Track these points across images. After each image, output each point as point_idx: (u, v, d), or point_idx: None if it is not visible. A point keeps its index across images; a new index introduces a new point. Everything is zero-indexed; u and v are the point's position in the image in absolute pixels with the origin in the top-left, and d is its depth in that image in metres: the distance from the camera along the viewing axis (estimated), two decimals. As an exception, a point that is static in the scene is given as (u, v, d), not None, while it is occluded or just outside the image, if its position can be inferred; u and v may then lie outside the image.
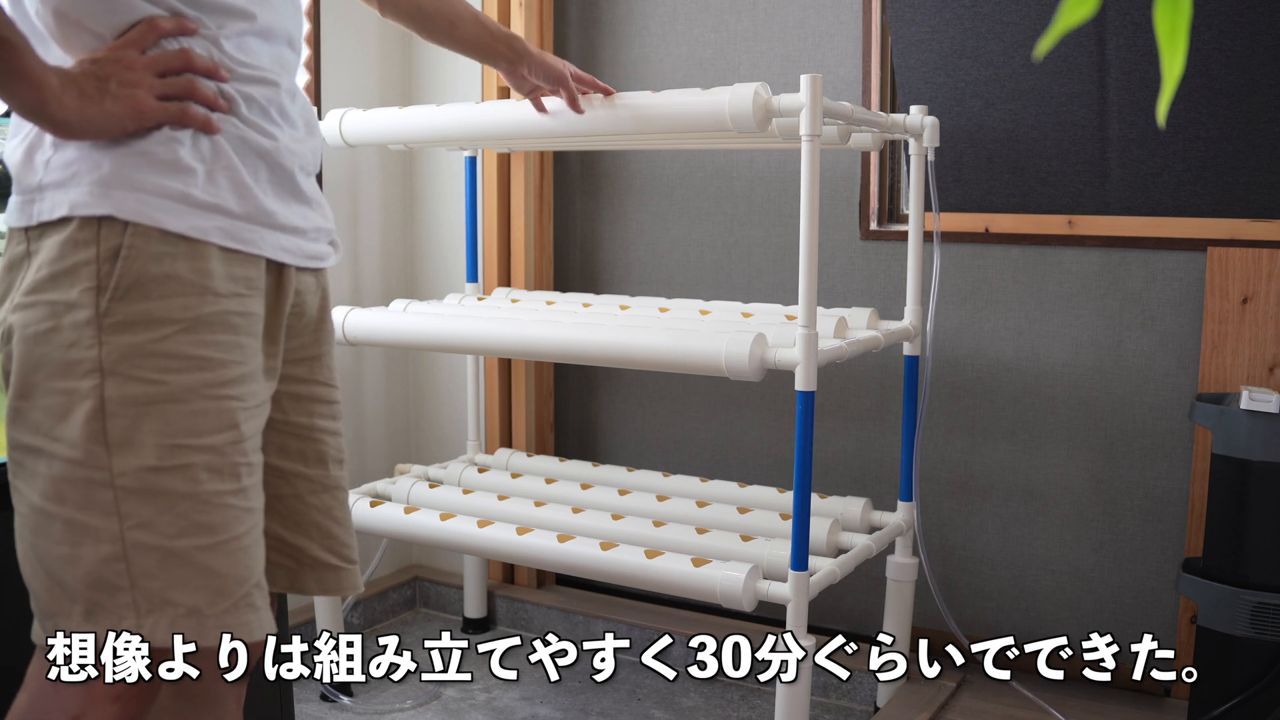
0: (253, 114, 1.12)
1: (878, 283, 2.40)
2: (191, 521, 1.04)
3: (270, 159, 1.13)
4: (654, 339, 1.85)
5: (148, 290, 1.03)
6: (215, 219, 1.07)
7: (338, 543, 1.28)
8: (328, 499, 1.27)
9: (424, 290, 2.82)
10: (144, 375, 1.03)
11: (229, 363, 1.08)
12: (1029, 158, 2.20)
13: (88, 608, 1.03)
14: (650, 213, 2.65)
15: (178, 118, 1.05)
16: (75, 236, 1.02)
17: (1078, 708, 2.15)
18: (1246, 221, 2.07)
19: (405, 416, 2.87)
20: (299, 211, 1.17)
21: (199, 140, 1.07)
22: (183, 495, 1.04)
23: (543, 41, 2.61)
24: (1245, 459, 1.87)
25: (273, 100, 1.14)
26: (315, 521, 1.26)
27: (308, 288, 1.22)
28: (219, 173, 1.07)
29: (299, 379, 1.25)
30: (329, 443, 1.28)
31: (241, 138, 1.10)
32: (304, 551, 1.26)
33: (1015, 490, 2.32)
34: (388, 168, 2.76)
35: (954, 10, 2.18)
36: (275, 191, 1.13)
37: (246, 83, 1.11)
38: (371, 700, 2.34)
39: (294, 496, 1.25)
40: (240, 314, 1.09)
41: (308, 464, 1.25)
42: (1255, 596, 1.86)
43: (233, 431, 1.08)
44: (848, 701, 2.34)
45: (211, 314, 1.06)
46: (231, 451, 1.07)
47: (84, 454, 1.02)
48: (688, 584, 1.86)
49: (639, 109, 1.83)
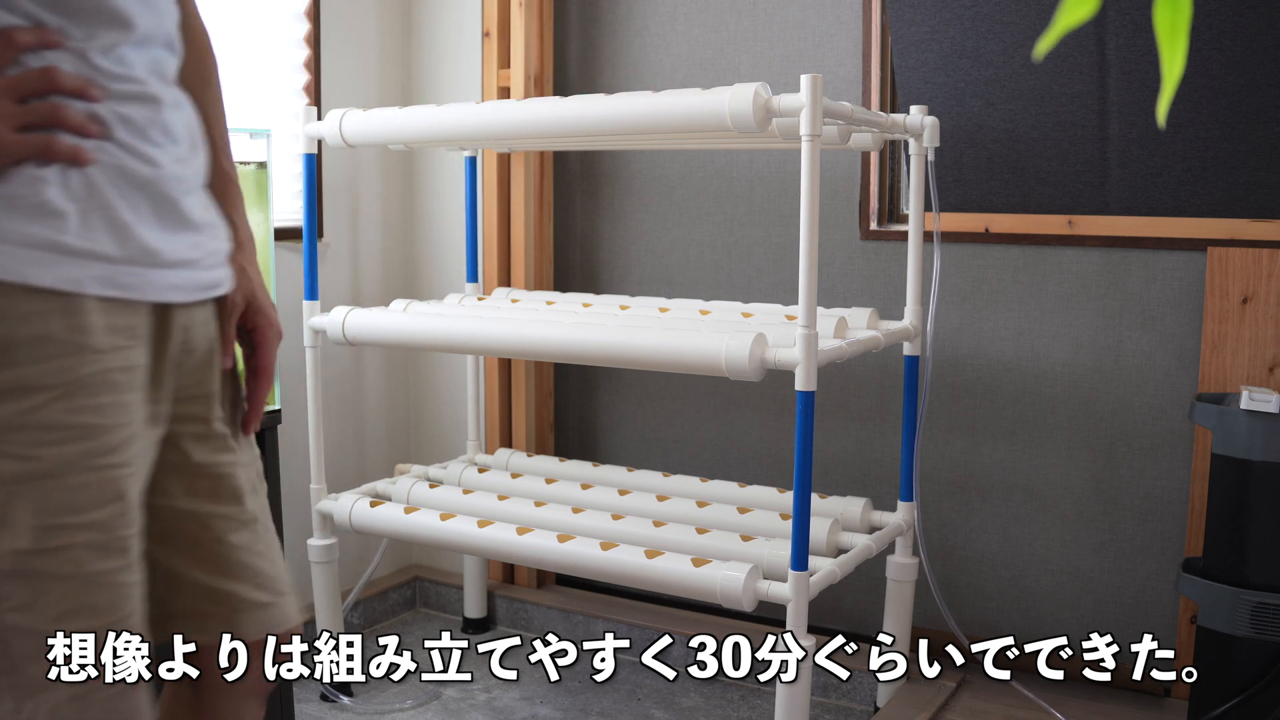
0: (131, 137, 0.99)
1: (878, 283, 2.40)
2: (75, 604, 0.96)
3: (152, 189, 1.00)
4: (654, 339, 1.85)
5: (16, 355, 0.92)
6: (91, 266, 0.95)
7: (266, 578, 1.19)
8: (247, 535, 1.18)
9: (424, 290, 2.82)
10: (15, 451, 0.92)
11: (113, 427, 0.98)
12: (1029, 158, 2.20)
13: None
14: (650, 213, 2.65)
15: (42, 151, 0.92)
16: None
17: (1078, 708, 2.15)
18: (1246, 221, 2.07)
19: (405, 416, 2.87)
20: (188, 241, 1.05)
21: (68, 176, 0.94)
22: (64, 577, 0.95)
23: (543, 41, 2.61)
24: (1245, 459, 1.87)
25: (153, 119, 1.01)
26: (241, 561, 1.17)
27: (197, 322, 1.10)
28: (93, 213, 0.95)
29: (196, 417, 1.13)
30: (239, 476, 1.18)
31: (119, 166, 0.98)
32: (236, 596, 1.16)
33: (1015, 490, 2.32)
34: (388, 168, 2.76)
35: (954, 10, 2.18)
36: (160, 224, 1.01)
37: (122, 101, 0.99)
38: (371, 700, 2.34)
39: (214, 540, 1.15)
40: (123, 369, 0.99)
41: (222, 502, 1.15)
42: (1255, 596, 1.86)
43: (119, 503, 0.98)
44: (848, 701, 2.34)
45: (91, 374, 0.95)
46: (118, 525, 0.98)
47: None
48: (688, 584, 1.86)
49: (639, 109, 1.83)
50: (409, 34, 2.78)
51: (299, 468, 2.48)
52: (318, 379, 2.28)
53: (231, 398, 1.20)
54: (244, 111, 2.36)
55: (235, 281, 1.22)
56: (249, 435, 1.24)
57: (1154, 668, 2.21)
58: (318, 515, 2.28)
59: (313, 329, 2.24)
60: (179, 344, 1.08)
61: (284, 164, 2.47)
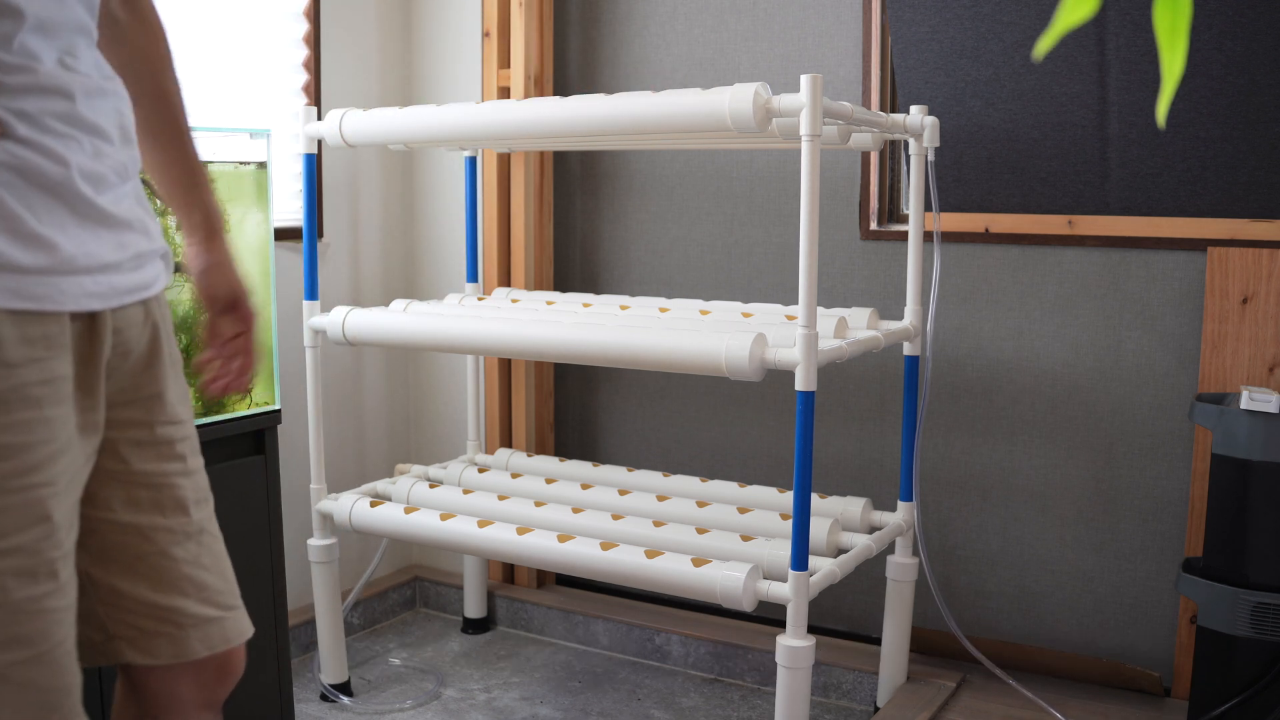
0: (33, 132, 0.92)
1: (878, 283, 2.40)
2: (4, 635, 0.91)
3: (62, 189, 0.94)
4: (654, 339, 1.85)
5: None
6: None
7: (213, 592, 1.14)
8: (193, 547, 1.12)
9: (424, 290, 2.82)
10: None
11: (33, 444, 0.92)
12: (1029, 158, 2.20)
13: None
14: (650, 213, 2.65)
15: None
16: None
17: (1078, 708, 2.15)
18: (1246, 221, 2.07)
19: (405, 416, 2.87)
20: (110, 240, 0.99)
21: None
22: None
23: (543, 41, 2.61)
24: (1245, 459, 1.87)
25: (61, 112, 0.95)
26: (186, 575, 1.11)
27: (131, 323, 1.05)
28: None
29: (137, 423, 1.08)
30: (183, 485, 1.12)
31: (19, 168, 0.91)
32: (182, 612, 1.11)
33: (1015, 490, 2.32)
34: (388, 168, 2.76)
35: (954, 10, 2.18)
36: (75, 226, 0.95)
37: (20, 95, 0.92)
38: (371, 700, 2.34)
39: (158, 554, 1.10)
40: (42, 382, 0.93)
41: (165, 514, 1.10)
42: (1255, 596, 1.86)
43: (44, 525, 0.93)
44: (848, 701, 2.34)
45: (5, 391, 0.90)
46: (45, 547, 0.93)
47: None
48: (688, 584, 1.86)
49: (639, 109, 1.83)
50: (409, 34, 2.78)
51: (299, 468, 2.48)
52: (318, 379, 2.28)
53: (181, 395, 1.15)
54: (244, 111, 2.36)
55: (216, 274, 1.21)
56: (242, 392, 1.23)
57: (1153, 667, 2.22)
58: (318, 515, 2.28)
59: (313, 329, 2.24)
60: (111, 348, 1.03)
61: (284, 164, 2.47)
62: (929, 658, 2.36)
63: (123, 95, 1.04)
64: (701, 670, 2.49)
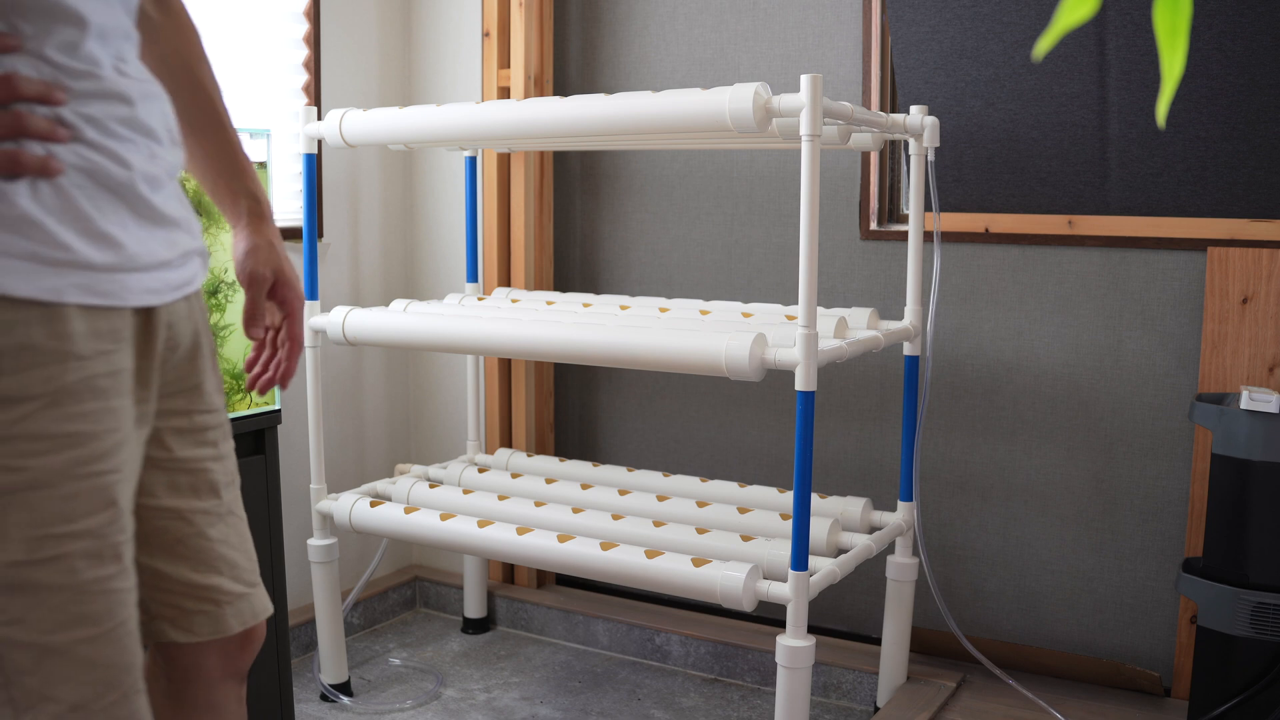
0: (101, 137, 0.97)
1: (878, 283, 2.40)
2: (69, 614, 0.95)
3: (126, 190, 0.99)
4: (654, 339, 1.85)
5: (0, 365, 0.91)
6: (71, 275, 0.94)
7: (242, 570, 1.21)
8: (224, 528, 1.19)
9: (424, 290, 2.82)
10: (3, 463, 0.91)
11: (101, 433, 0.97)
12: (1029, 158, 2.20)
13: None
14: (650, 213, 2.65)
15: (8, 166, 0.90)
16: None
17: (1078, 708, 2.15)
18: (1246, 221, 2.07)
19: (405, 416, 2.87)
20: (164, 239, 1.04)
21: (39, 186, 0.92)
22: (58, 588, 0.94)
23: (543, 41, 2.61)
24: (1245, 459, 1.87)
25: (122, 116, 0.99)
26: (220, 555, 1.18)
27: (179, 317, 1.11)
28: (69, 223, 0.94)
29: (179, 412, 1.14)
30: (215, 470, 1.19)
31: (89, 171, 0.96)
32: (219, 590, 1.18)
33: (1015, 490, 2.32)
34: (388, 168, 2.76)
35: (954, 10, 2.18)
36: (136, 226, 1.00)
37: (89, 100, 0.96)
38: (371, 700, 2.34)
39: (196, 535, 1.16)
40: (108, 374, 0.98)
41: (200, 497, 1.17)
42: (1255, 596, 1.86)
43: (111, 510, 0.97)
44: (848, 701, 2.34)
45: (76, 382, 0.95)
46: (111, 531, 0.98)
47: None
48: (688, 584, 1.86)
49: (639, 109, 1.83)
50: (409, 34, 2.78)
51: (299, 468, 2.48)
52: (318, 379, 2.28)
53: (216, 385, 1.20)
54: (244, 111, 2.36)
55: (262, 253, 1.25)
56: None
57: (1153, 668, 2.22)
58: (318, 515, 2.29)
59: (313, 329, 2.24)
60: (164, 342, 1.08)
61: (284, 164, 2.47)
62: (929, 658, 2.36)
63: (166, 98, 1.08)
64: (701, 670, 2.49)
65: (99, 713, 0.97)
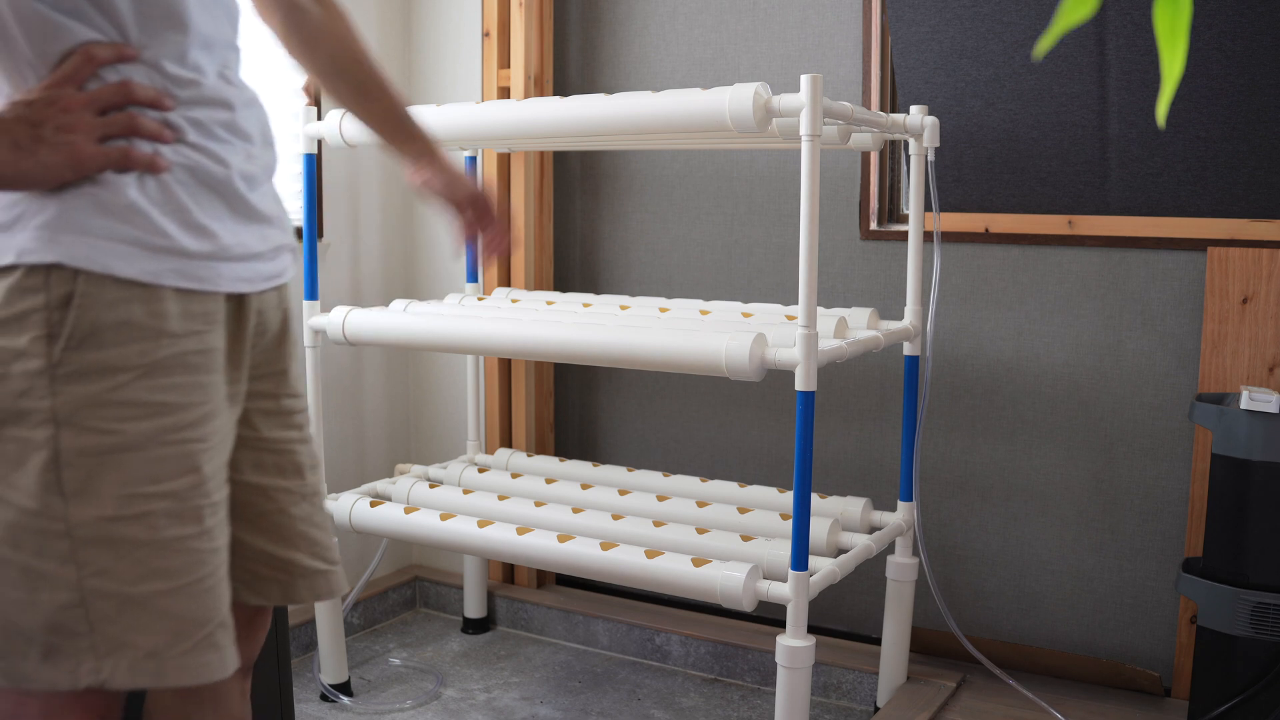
0: (202, 139, 1.07)
1: (878, 283, 2.40)
2: (150, 568, 1.03)
3: (224, 187, 1.09)
4: (654, 339, 1.85)
5: (102, 338, 1.00)
6: (169, 261, 1.03)
7: (322, 548, 1.29)
8: (307, 507, 1.27)
9: (424, 290, 2.82)
10: (100, 426, 1.00)
11: (188, 405, 1.05)
12: (1029, 158, 2.20)
13: (45, 651, 1.02)
14: (650, 213, 2.65)
15: (120, 161, 1.00)
16: (22, 284, 0.99)
17: (1078, 708, 2.15)
18: (1246, 221, 2.07)
19: (405, 416, 2.87)
20: (257, 233, 1.14)
21: (144, 180, 1.02)
22: (142, 542, 1.03)
23: (543, 41, 2.61)
24: (1245, 459, 1.87)
25: (223, 120, 1.10)
26: (301, 532, 1.26)
27: (269, 306, 1.20)
28: (170, 214, 1.04)
29: (266, 394, 1.23)
30: (301, 452, 1.27)
31: (191, 167, 1.06)
32: (294, 563, 1.26)
33: (1015, 490, 2.32)
34: (388, 168, 2.76)
35: (954, 10, 2.18)
36: (231, 219, 1.10)
37: (194, 106, 1.07)
38: (371, 700, 2.34)
39: (278, 511, 1.24)
40: (199, 352, 1.07)
41: (285, 476, 1.24)
42: (1255, 596, 1.86)
43: (193, 475, 1.06)
44: (848, 701, 2.34)
45: (168, 357, 1.04)
46: (192, 495, 1.06)
47: (39, 504, 1.00)
48: (688, 584, 1.86)
49: (639, 109, 1.83)
50: (409, 34, 2.78)
51: (299, 468, 2.48)
52: (318, 379, 2.28)
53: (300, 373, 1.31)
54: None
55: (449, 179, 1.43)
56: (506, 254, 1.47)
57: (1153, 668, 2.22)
58: (318, 515, 2.28)
59: (313, 329, 2.24)
60: (254, 327, 1.17)
61: (284, 164, 2.47)
62: (929, 658, 2.36)
63: (263, 106, 1.18)
64: (701, 670, 2.49)
65: (171, 660, 1.04)
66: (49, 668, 1.01)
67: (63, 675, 1.01)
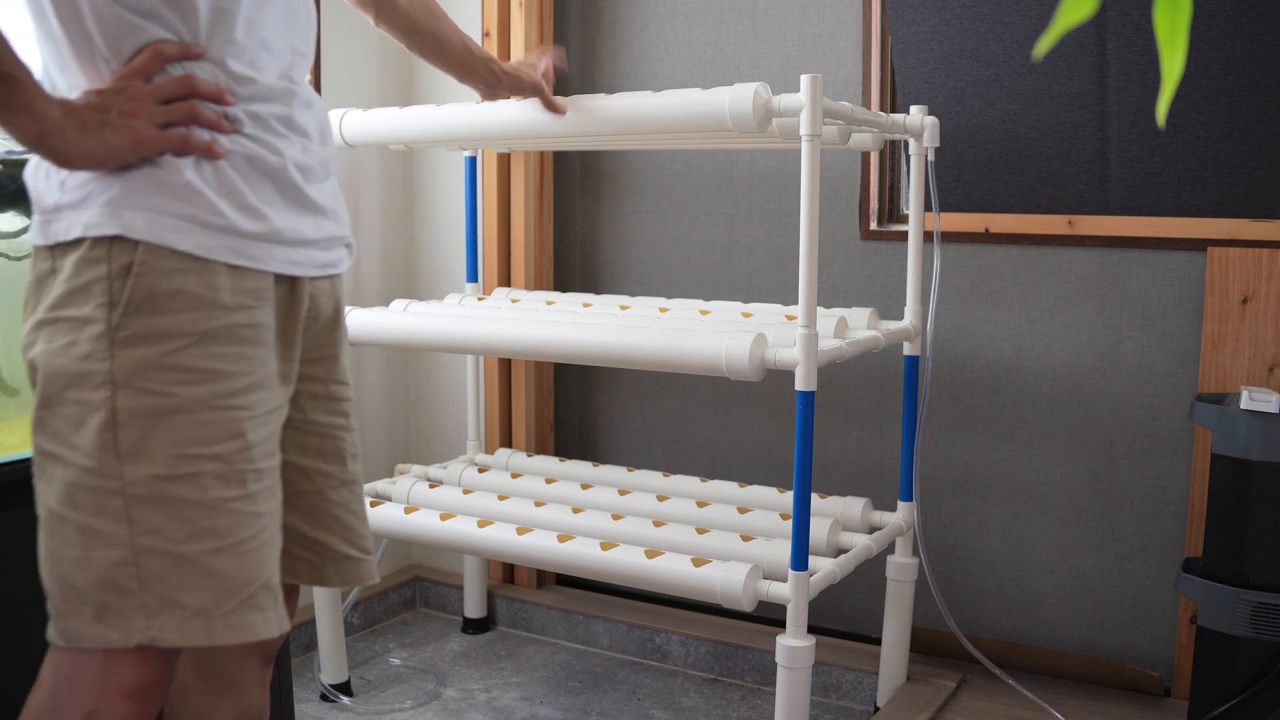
0: (259, 131, 1.15)
1: (878, 283, 2.40)
2: (199, 527, 1.08)
3: (277, 175, 1.16)
4: (654, 339, 1.85)
5: (158, 305, 1.07)
6: (222, 238, 1.11)
7: (356, 535, 1.33)
8: (345, 493, 1.32)
9: (424, 290, 2.82)
10: (154, 388, 1.07)
11: (235, 374, 1.11)
12: (1029, 158, 2.20)
13: (98, 609, 1.06)
14: (650, 213, 2.65)
15: (179, 146, 1.08)
16: (88, 255, 1.07)
17: (1078, 708, 2.15)
18: (1246, 221, 2.07)
19: (405, 416, 2.87)
20: (310, 222, 1.20)
21: (202, 164, 1.10)
22: (191, 502, 1.08)
23: (543, 41, 2.61)
24: (1245, 459, 1.87)
25: (280, 115, 1.17)
26: (335, 516, 1.31)
27: (321, 292, 1.27)
28: (224, 196, 1.11)
29: (315, 378, 1.29)
30: (345, 439, 1.33)
31: (247, 156, 1.14)
32: (326, 546, 1.31)
33: (1015, 490, 2.32)
34: (388, 168, 2.76)
35: (954, 10, 2.18)
36: (284, 206, 1.17)
37: (252, 101, 1.15)
38: (371, 700, 2.34)
39: (315, 493, 1.29)
40: (247, 326, 1.13)
41: (326, 460, 1.30)
42: (1255, 596, 1.86)
43: (239, 440, 1.11)
44: (848, 701, 2.34)
45: (219, 328, 1.10)
46: (238, 459, 1.11)
47: (96, 462, 1.06)
48: (688, 584, 1.86)
49: (639, 109, 1.83)
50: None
51: (299, 468, 2.48)
52: (318, 379, 2.27)
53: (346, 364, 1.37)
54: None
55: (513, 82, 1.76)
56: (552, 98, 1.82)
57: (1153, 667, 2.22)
58: (318, 515, 2.28)
59: (313, 329, 2.23)
60: (306, 310, 1.24)
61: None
62: (929, 658, 2.36)
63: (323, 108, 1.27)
64: (701, 670, 2.49)
65: (218, 619, 1.09)
66: (101, 626, 1.06)
67: (115, 633, 1.06)
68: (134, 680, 1.09)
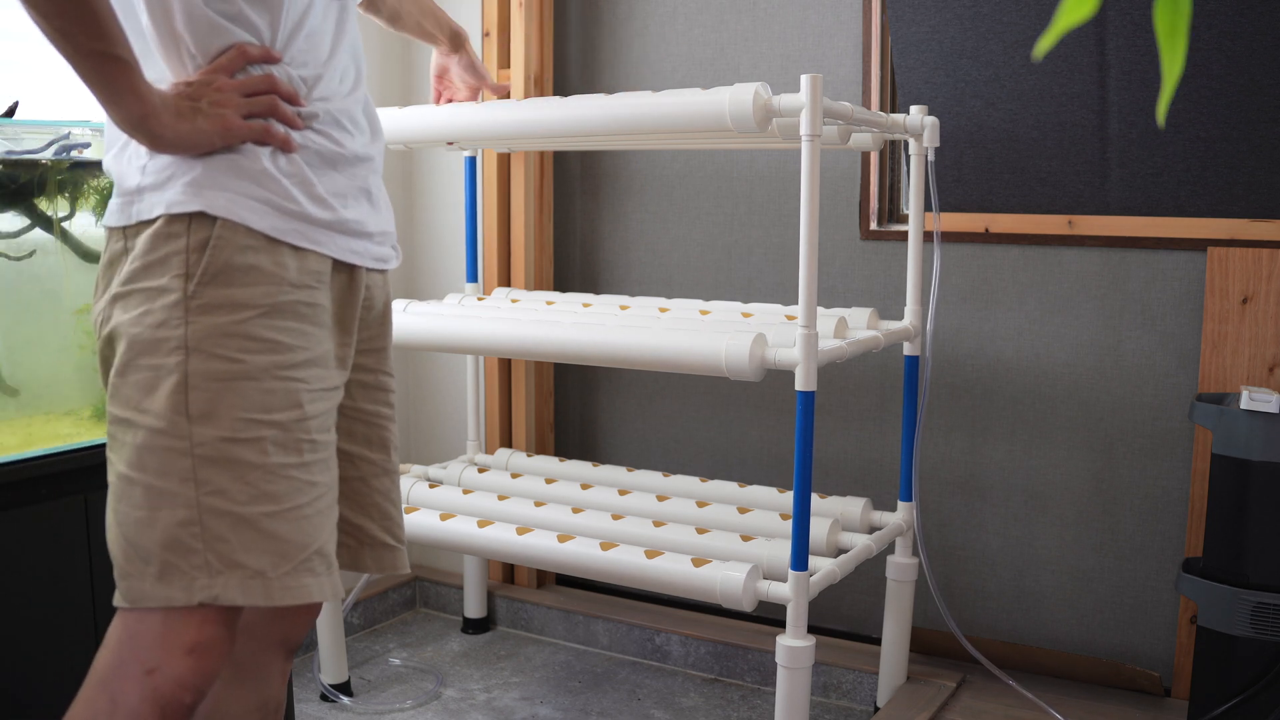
0: (328, 126, 1.25)
1: (878, 283, 2.40)
2: (260, 490, 1.14)
3: (343, 167, 1.25)
4: (654, 339, 1.85)
5: (232, 277, 1.14)
6: (294, 223, 1.19)
7: (394, 524, 1.39)
8: (387, 482, 1.38)
9: (424, 290, 2.82)
10: (225, 353, 1.13)
11: (296, 347, 1.18)
12: (1029, 158, 2.20)
13: (161, 568, 1.11)
14: (650, 213, 2.65)
15: (261, 136, 1.17)
16: (166, 230, 1.14)
17: (1078, 708, 2.15)
18: (1246, 221, 2.07)
19: (405, 416, 2.87)
20: (370, 215, 1.29)
21: (277, 155, 1.19)
22: (253, 465, 1.14)
23: (543, 41, 2.61)
24: (1245, 459, 1.87)
25: (345, 111, 1.27)
26: (376, 504, 1.37)
27: (376, 284, 1.35)
28: (297, 185, 1.20)
29: (367, 369, 1.37)
30: (389, 429, 1.40)
31: (317, 150, 1.23)
32: (365, 531, 1.36)
33: (1015, 490, 2.32)
34: (388, 168, 2.76)
35: (954, 10, 2.18)
36: (350, 197, 1.26)
37: (322, 101, 1.24)
38: (371, 700, 2.34)
39: (358, 479, 1.35)
40: (309, 304, 1.20)
41: (371, 449, 1.37)
42: (1255, 596, 1.86)
43: (297, 410, 1.18)
44: (848, 701, 2.34)
45: (285, 302, 1.17)
46: (295, 428, 1.17)
47: (167, 424, 1.12)
48: (688, 584, 1.86)
49: (639, 109, 1.83)
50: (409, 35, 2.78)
51: (299, 468, 2.48)
52: (318, 379, 2.27)
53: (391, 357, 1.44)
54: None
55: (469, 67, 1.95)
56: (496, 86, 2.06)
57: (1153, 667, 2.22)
58: (318, 515, 2.28)
59: (313, 329, 2.23)
60: (363, 299, 1.31)
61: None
62: (929, 658, 2.36)
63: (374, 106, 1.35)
64: (701, 670, 2.49)
65: (275, 580, 1.14)
66: (164, 585, 1.11)
67: (178, 592, 1.11)
68: (194, 638, 1.13)
